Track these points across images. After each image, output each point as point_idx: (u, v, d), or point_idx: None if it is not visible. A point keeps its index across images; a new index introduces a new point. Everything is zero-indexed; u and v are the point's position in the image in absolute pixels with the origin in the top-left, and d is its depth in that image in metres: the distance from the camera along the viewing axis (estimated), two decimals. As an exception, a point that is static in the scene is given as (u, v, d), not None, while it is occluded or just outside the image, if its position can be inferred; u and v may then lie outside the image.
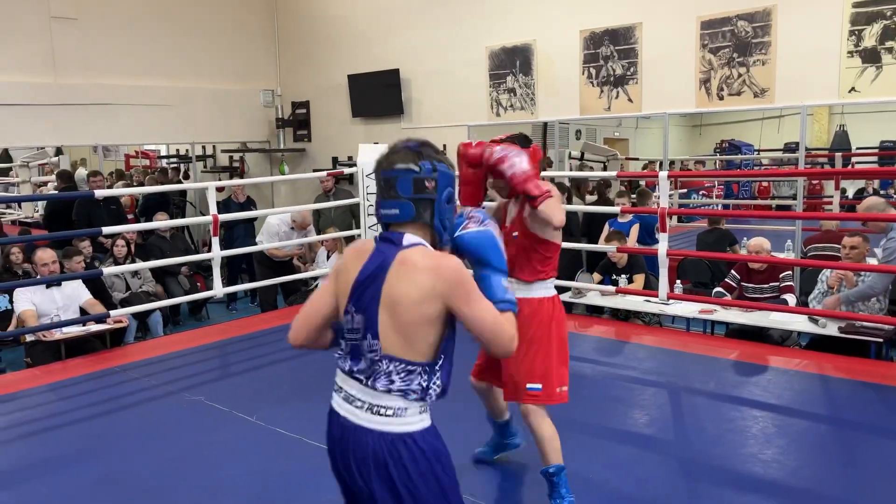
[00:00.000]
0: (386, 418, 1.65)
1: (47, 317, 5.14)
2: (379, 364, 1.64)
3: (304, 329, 1.82)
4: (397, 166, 1.67)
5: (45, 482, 3.13)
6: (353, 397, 1.68)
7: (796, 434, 3.57)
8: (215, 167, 10.58)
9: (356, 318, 1.66)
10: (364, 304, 1.65)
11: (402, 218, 1.68)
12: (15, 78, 7.61)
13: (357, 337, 1.67)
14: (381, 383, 1.64)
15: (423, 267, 1.62)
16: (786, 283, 5.12)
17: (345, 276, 1.71)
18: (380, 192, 1.71)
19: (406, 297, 1.61)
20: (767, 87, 5.96)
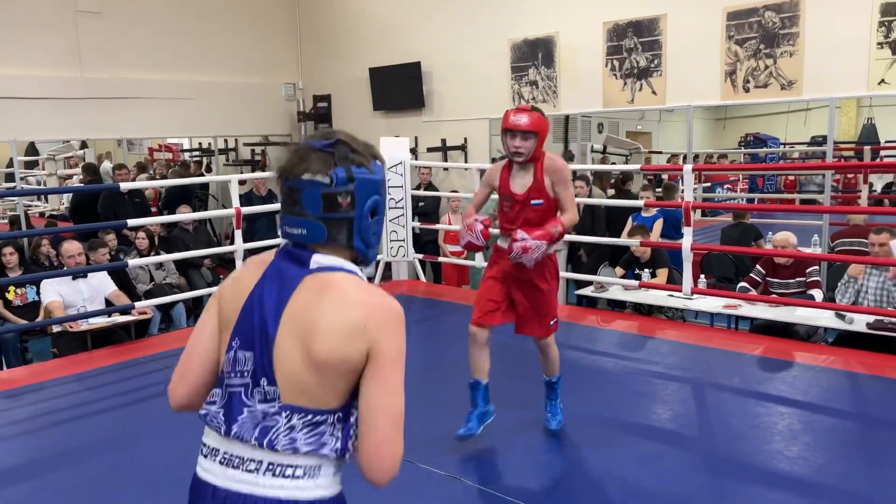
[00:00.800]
0: (297, 480, 1.24)
1: (74, 308, 5.21)
2: (275, 419, 1.23)
3: (186, 382, 1.34)
4: (303, 176, 1.26)
5: (72, 471, 3.18)
6: (241, 458, 1.25)
7: (823, 431, 3.51)
8: (237, 160, 10.65)
9: (243, 355, 1.25)
10: (255, 336, 1.25)
11: (312, 240, 1.28)
12: (41, 72, 7.71)
13: (242, 382, 1.25)
14: (281, 443, 1.23)
15: (355, 300, 1.24)
16: (812, 279, 5.04)
17: (231, 302, 1.29)
18: (282, 204, 1.30)
19: (324, 327, 1.21)
20: (795, 79, 5.87)
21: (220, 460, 1.28)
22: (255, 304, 1.26)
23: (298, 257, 1.29)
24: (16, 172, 8.20)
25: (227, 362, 1.28)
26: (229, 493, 1.25)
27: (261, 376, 1.24)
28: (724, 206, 9.19)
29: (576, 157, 7.84)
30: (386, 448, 1.21)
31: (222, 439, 1.28)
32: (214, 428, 1.29)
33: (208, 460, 1.29)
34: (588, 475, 3.03)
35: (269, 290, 1.27)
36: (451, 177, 8.54)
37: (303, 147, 1.29)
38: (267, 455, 1.24)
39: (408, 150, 6.98)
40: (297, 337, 1.23)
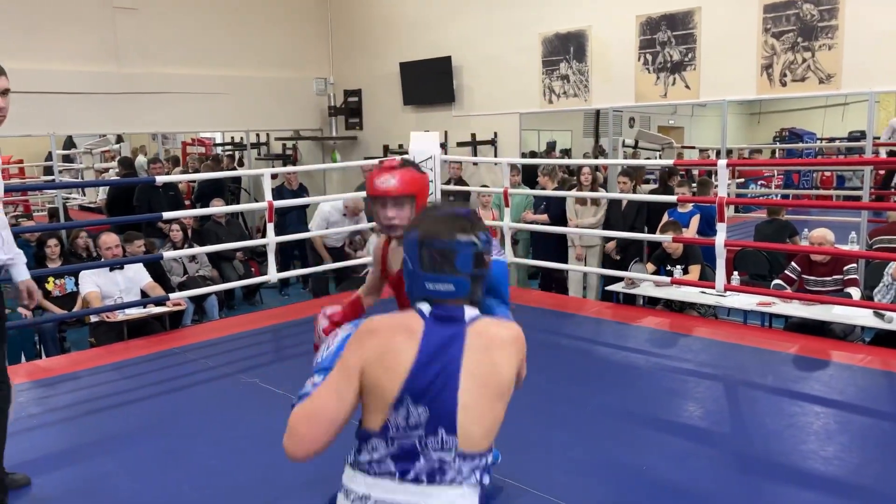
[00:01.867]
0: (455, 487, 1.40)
1: (110, 298, 5.32)
2: (449, 465, 1.38)
3: (320, 437, 1.45)
4: (459, 237, 1.43)
5: (111, 457, 3.25)
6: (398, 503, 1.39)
7: (859, 431, 3.45)
8: (269, 154, 10.76)
9: (415, 410, 1.37)
10: (432, 393, 1.37)
11: (457, 295, 1.44)
12: (79, 67, 7.86)
13: (416, 434, 1.38)
14: (447, 478, 1.39)
15: (508, 339, 1.46)
16: (850, 277, 4.95)
17: (391, 359, 1.40)
18: (429, 264, 1.44)
19: (501, 371, 1.41)
20: (833, 72, 5.75)
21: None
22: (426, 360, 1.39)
23: (454, 314, 1.44)
24: (54, 166, 8.39)
25: (393, 417, 1.39)
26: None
27: (439, 427, 1.37)
28: (758, 202, 9.04)
29: (607, 152, 7.78)
30: None
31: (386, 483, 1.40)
32: (376, 473, 1.41)
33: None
34: (618, 472, 3.02)
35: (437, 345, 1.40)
36: (480, 171, 8.53)
37: (449, 213, 1.48)
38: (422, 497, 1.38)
39: (438, 145, 6.99)
40: (472, 392, 1.39)
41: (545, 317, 5.63)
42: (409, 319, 1.45)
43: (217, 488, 2.94)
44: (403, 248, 1.51)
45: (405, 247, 1.49)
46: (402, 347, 1.41)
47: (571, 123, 9.30)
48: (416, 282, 1.45)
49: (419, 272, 1.44)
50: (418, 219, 1.50)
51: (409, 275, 1.48)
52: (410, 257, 1.46)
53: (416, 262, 1.45)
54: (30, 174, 10.92)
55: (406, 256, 1.48)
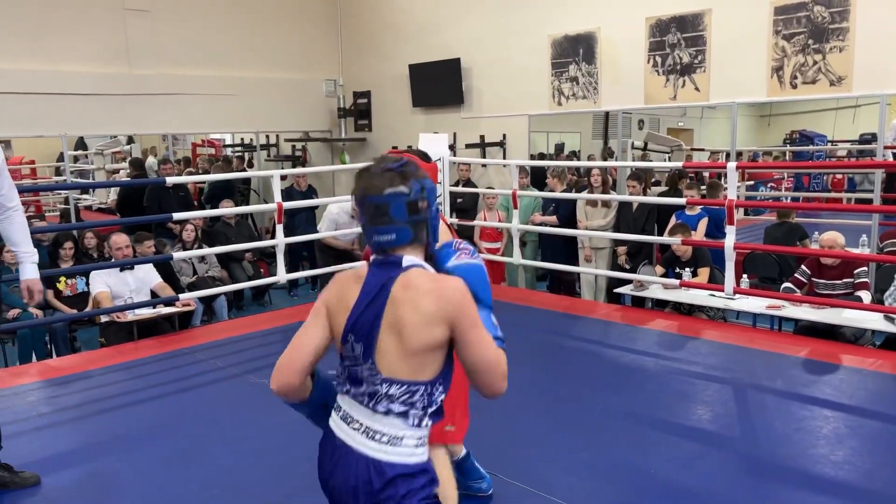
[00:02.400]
0: (380, 444, 1.57)
1: (121, 299, 5.35)
2: (378, 388, 1.57)
3: (294, 372, 1.65)
4: (387, 191, 1.58)
5: (121, 456, 3.27)
6: (352, 418, 1.61)
7: (870, 436, 3.43)
8: (278, 156, 10.79)
9: (354, 344, 1.59)
10: (363, 332, 1.58)
11: (399, 242, 1.60)
12: (91, 69, 7.92)
13: (355, 362, 1.60)
14: (382, 406, 1.57)
15: (426, 290, 1.56)
16: (861, 280, 4.92)
17: (342, 304, 1.63)
18: (369, 219, 1.60)
19: (411, 322, 1.54)
20: (845, 75, 5.72)
21: (341, 416, 1.64)
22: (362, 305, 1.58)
23: (390, 261, 1.60)
24: (66, 166, 8.44)
25: (345, 350, 1.62)
26: (341, 443, 1.62)
27: (367, 360, 1.58)
28: (768, 205, 9.00)
29: (616, 154, 7.76)
30: (496, 385, 1.59)
31: (345, 398, 1.64)
32: (340, 391, 1.66)
33: (335, 413, 1.67)
34: (625, 474, 3.01)
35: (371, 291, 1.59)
36: (489, 173, 8.53)
37: (378, 168, 1.62)
38: (367, 420, 1.58)
39: (447, 147, 7.00)
40: (391, 331, 1.56)
41: (553, 319, 5.62)
42: (362, 270, 1.66)
43: (225, 488, 2.95)
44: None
45: (355, 206, 1.66)
46: (349, 292, 1.63)
47: (580, 125, 9.29)
48: (365, 235, 1.64)
49: (365, 227, 1.62)
50: (357, 177, 1.64)
51: (363, 230, 1.65)
52: (359, 213, 1.63)
53: (361, 217, 1.63)
54: (41, 175, 11.00)
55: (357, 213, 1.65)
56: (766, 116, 10.84)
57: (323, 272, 6.87)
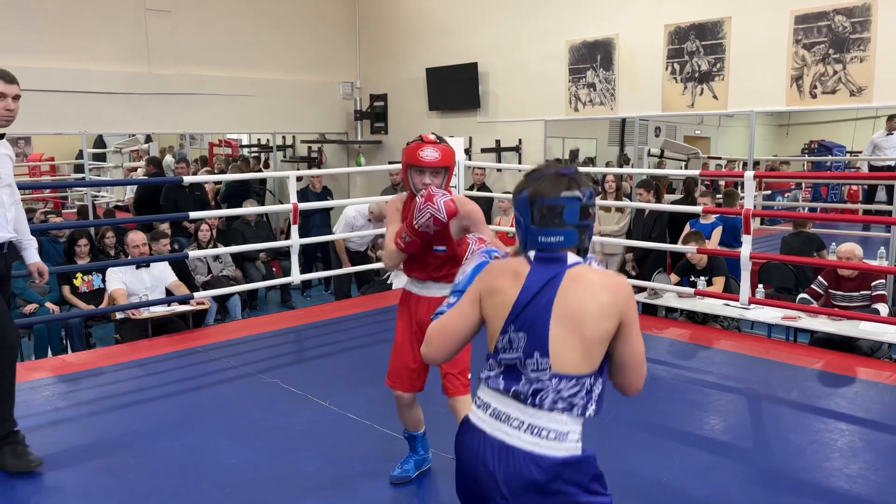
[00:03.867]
0: (546, 440, 1.58)
1: (136, 296, 5.39)
2: (547, 382, 1.58)
3: (446, 348, 1.75)
4: (563, 194, 1.61)
5: (133, 453, 3.29)
6: (508, 416, 1.61)
7: (885, 449, 3.39)
8: (294, 157, 10.85)
9: (516, 336, 1.60)
10: (529, 322, 1.59)
11: (565, 245, 1.63)
12: (112, 67, 8.00)
13: (516, 356, 1.60)
14: (547, 401, 1.57)
15: (599, 283, 1.60)
16: (878, 292, 4.87)
17: (499, 297, 1.65)
18: (539, 220, 1.63)
19: (589, 312, 1.57)
20: (865, 85, 5.68)
21: (490, 413, 1.63)
22: (527, 297, 1.60)
23: (555, 257, 1.63)
24: (85, 164, 8.53)
25: (500, 341, 1.63)
26: (496, 441, 1.60)
27: (535, 351, 1.58)
28: (783, 215, 8.93)
29: (632, 161, 7.74)
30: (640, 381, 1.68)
31: (497, 395, 1.63)
32: (492, 387, 1.65)
33: (481, 411, 1.66)
34: (639, 484, 2.99)
35: (537, 284, 1.61)
36: (503, 178, 8.53)
37: (553, 172, 1.64)
38: (529, 417, 1.58)
39: (462, 151, 7.00)
40: (562, 322, 1.57)
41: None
42: (518, 265, 1.67)
43: (236, 486, 2.96)
44: (515, 208, 1.69)
45: (517, 206, 1.67)
46: (508, 287, 1.64)
47: (597, 131, 9.26)
48: (529, 235, 1.65)
49: (531, 227, 1.64)
50: (526, 179, 1.67)
51: (522, 230, 1.67)
52: (522, 214, 1.65)
53: (527, 219, 1.64)
54: (61, 172, 11.11)
55: (518, 214, 1.67)
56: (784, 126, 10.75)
57: (337, 273, 6.90)
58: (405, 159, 2.73)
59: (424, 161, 2.67)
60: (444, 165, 2.69)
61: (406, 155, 2.73)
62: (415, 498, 2.87)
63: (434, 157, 2.67)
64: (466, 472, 1.66)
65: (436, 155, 2.67)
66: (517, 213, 1.68)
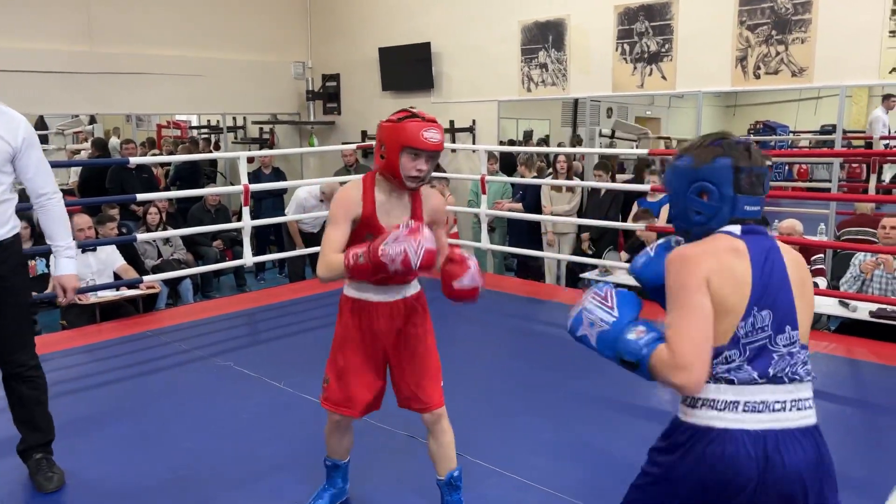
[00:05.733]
0: (810, 411, 1.55)
1: (83, 281, 5.25)
2: (798, 354, 1.54)
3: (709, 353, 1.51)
4: (766, 163, 1.60)
5: (82, 439, 3.24)
6: (768, 403, 1.52)
7: (823, 416, 3.50)
8: (245, 138, 10.67)
9: (760, 315, 1.51)
10: (771, 297, 1.52)
11: (759, 215, 1.61)
12: (52, 45, 7.72)
13: (764, 336, 1.52)
14: (800, 372, 1.55)
15: (800, 257, 1.63)
16: (817, 267, 5.06)
17: (731, 278, 1.51)
18: (748, 187, 1.57)
19: (809, 283, 1.60)
20: (806, 66, 5.85)
21: (746, 409, 1.51)
22: (762, 272, 1.52)
23: (761, 231, 1.59)
24: (25, 146, 8.23)
25: (742, 327, 1.51)
26: (769, 433, 1.50)
27: (786, 325, 1.53)
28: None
29: (584, 142, 7.83)
30: None
31: (748, 388, 1.52)
32: (740, 380, 1.52)
33: (728, 412, 1.52)
34: (590, 454, 3.08)
35: (763, 258, 1.54)
36: (458, 158, 8.55)
37: (747, 142, 1.60)
38: (790, 394, 1.53)
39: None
40: (798, 292, 1.55)
41: (520, 304, 5.68)
42: (727, 241, 1.56)
43: (191, 469, 2.95)
44: (705, 178, 1.58)
45: (712, 174, 1.57)
46: (735, 265, 1.53)
47: (550, 112, 9.34)
48: (729, 206, 1.57)
49: (737, 196, 1.57)
50: (716, 146, 1.59)
51: (717, 200, 1.57)
52: (721, 184, 1.56)
53: (729, 188, 1.56)
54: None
55: (708, 185, 1.58)
56: (731, 107, 11.02)
57: (290, 256, 6.84)
58: (399, 138, 2.19)
59: (429, 144, 2.19)
60: (442, 149, 2.27)
61: (400, 133, 2.19)
62: (372, 476, 2.89)
63: (438, 140, 2.22)
64: (738, 480, 1.50)
65: (439, 137, 2.22)
66: (707, 185, 1.58)
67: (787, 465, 1.49)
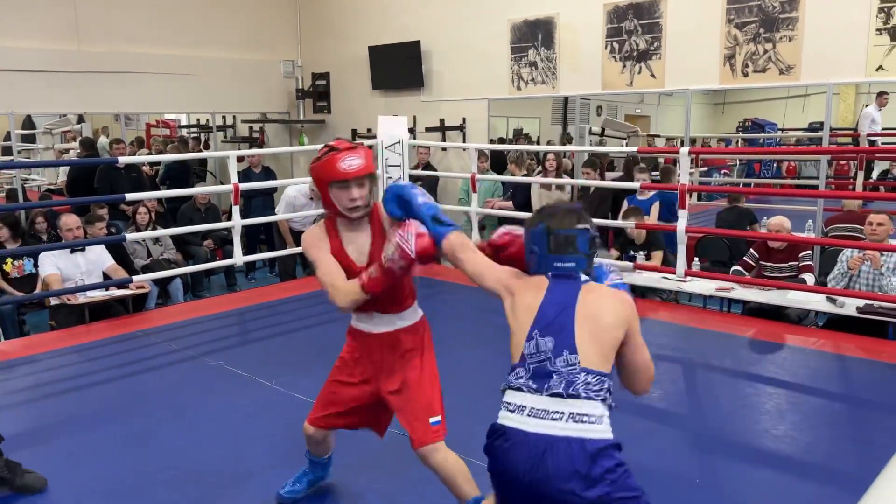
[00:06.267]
0: (590, 425, 1.70)
1: (71, 281, 5.23)
2: (577, 376, 1.72)
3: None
4: (577, 226, 1.85)
5: (72, 439, 3.22)
6: (547, 411, 1.72)
7: (810, 411, 3.58)
8: (235, 137, 10.62)
9: (542, 341, 1.77)
10: (555, 326, 1.77)
11: (577, 270, 1.85)
12: (39, 45, 7.67)
13: (544, 358, 1.76)
14: (582, 391, 1.71)
15: (610, 297, 1.84)
16: (805, 263, 5.09)
17: (522, 303, 1.85)
18: (554, 248, 1.85)
19: (605, 317, 1.78)
20: (793, 64, 5.88)
21: (527, 414, 1.74)
22: (551, 305, 1.80)
23: (571, 274, 1.86)
24: (13, 146, 8.18)
25: (526, 347, 1.79)
26: (540, 436, 1.70)
27: (563, 350, 1.75)
28: (718, 190, 9.22)
29: (574, 140, 7.85)
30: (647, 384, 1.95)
31: (530, 396, 1.75)
32: (520, 389, 1.77)
33: (515, 414, 1.76)
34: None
35: (560, 294, 1.82)
36: (448, 157, 8.55)
37: (566, 208, 1.90)
38: (569, 407, 1.70)
39: (406, 130, 6.98)
40: (585, 325, 1.76)
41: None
42: (538, 280, 1.88)
43: (182, 468, 2.94)
44: (530, 239, 1.90)
45: (533, 237, 1.88)
46: (531, 297, 1.85)
47: (540, 111, 9.35)
48: (545, 261, 1.87)
49: (548, 255, 1.86)
50: (540, 214, 1.90)
51: (537, 257, 1.88)
52: (538, 244, 1.87)
53: (543, 247, 1.87)
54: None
55: (532, 244, 1.89)
56: (720, 105, 11.07)
57: (281, 255, 6.83)
58: (321, 176, 2.25)
59: (349, 172, 2.20)
60: (370, 172, 2.24)
61: (320, 171, 2.25)
62: (361, 476, 2.90)
63: (359, 165, 2.21)
64: (512, 482, 1.73)
65: (359, 161, 2.21)
66: (531, 244, 1.89)
67: (551, 468, 1.67)
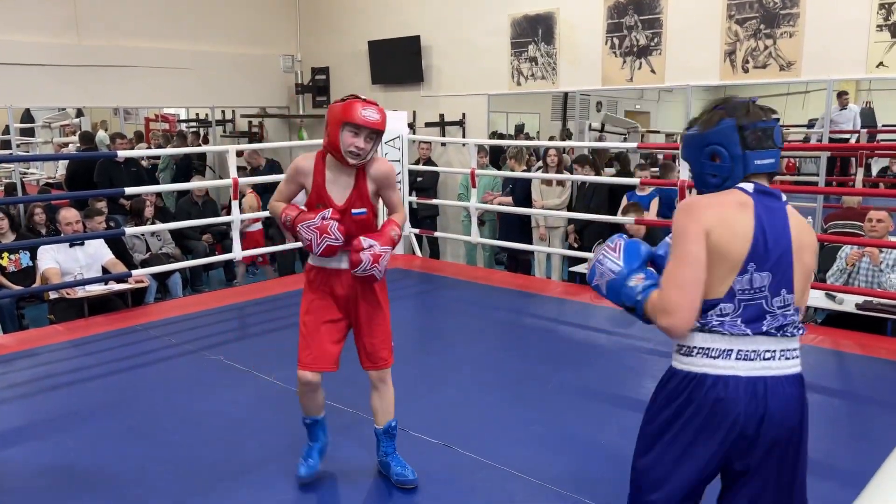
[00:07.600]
0: (797, 360, 1.67)
1: (70, 275, 5.23)
2: (790, 318, 1.64)
3: (698, 298, 1.60)
4: (774, 116, 1.68)
5: (71, 434, 3.22)
6: (759, 352, 1.61)
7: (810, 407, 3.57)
8: (234, 132, 10.62)
9: (759, 276, 1.59)
10: (772, 259, 1.59)
11: (776, 167, 1.67)
12: (38, 38, 7.65)
13: (761, 296, 1.60)
14: (790, 330, 1.64)
15: (806, 224, 1.69)
16: (805, 259, 5.09)
17: (731, 231, 1.59)
18: (754, 143, 1.64)
19: (810, 250, 1.66)
20: (794, 60, 5.87)
21: (738, 356, 1.61)
22: (764, 233, 1.59)
23: (773, 193, 1.65)
24: (12, 139, 8.17)
25: (738, 282, 1.59)
26: (758, 379, 1.60)
27: (781, 288, 1.61)
28: (719, 187, 9.20)
29: (574, 135, 7.84)
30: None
31: (741, 339, 1.60)
32: (731, 332, 1.61)
33: (721, 360, 1.62)
34: (578, 446, 3.09)
35: (771, 219, 1.61)
36: (448, 152, 8.54)
37: (747, 102, 1.67)
38: (780, 345, 1.62)
39: (406, 125, 6.97)
40: (797, 258, 1.62)
41: (510, 297, 5.69)
42: (736, 195, 1.63)
43: (180, 463, 2.94)
44: (710, 142, 1.66)
45: (716, 137, 1.65)
46: (738, 217, 1.60)
47: (540, 106, 9.33)
48: (740, 163, 1.64)
49: (746, 153, 1.63)
50: (718, 112, 1.67)
51: (728, 160, 1.64)
52: (728, 143, 1.64)
53: (736, 147, 1.63)
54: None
55: (717, 148, 1.65)
56: (720, 100, 11.04)
57: (280, 249, 6.82)
58: (338, 116, 2.45)
59: (367, 121, 2.43)
60: (383, 129, 2.49)
61: (340, 112, 2.45)
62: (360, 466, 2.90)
63: (376, 119, 2.45)
64: (733, 426, 1.62)
65: (377, 117, 2.45)
66: (716, 147, 1.65)
67: (776, 410, 1.60)
